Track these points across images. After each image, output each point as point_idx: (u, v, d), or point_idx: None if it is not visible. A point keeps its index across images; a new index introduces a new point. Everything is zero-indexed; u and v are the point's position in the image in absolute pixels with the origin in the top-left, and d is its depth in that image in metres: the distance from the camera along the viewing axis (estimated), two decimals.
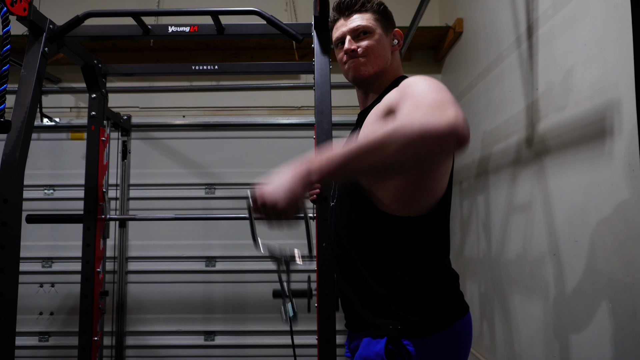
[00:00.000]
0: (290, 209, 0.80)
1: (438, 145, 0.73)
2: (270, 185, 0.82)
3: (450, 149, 0.74)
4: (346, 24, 1.15)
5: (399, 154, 0.74)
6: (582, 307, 1.51)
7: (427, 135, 0.72)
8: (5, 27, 1.24)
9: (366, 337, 1.05)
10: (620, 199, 1.32)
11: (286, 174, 0.81)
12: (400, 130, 0.73)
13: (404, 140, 0.73)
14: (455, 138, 0.72)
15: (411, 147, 0.73)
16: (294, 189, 0.80)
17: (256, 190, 0.82)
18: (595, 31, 1.44)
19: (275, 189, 0.80)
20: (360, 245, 1.08)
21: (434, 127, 0.72)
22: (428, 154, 0.75)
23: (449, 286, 1.08)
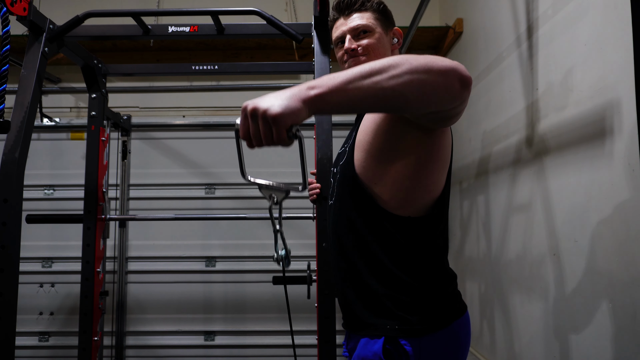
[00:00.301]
0: (282, 121, 0.70)
1: (443, 78, 0.74)
2: (263, 97, 0.74)
3: (454, 86, 0.75)
4: (346, 23, 1.15)
5: (404, 79, 0.72)
6: (582, 307, 1.51)
7: (433, 67, 0.73)
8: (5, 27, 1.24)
9: (364, 337, 1.05)
10: (620, 199, 1.32)
11: (282, 91, 0.74)
12: (407, 59, 0.73)
13: (409, 68, 0.73)
14: (459, 77, 0.74)
15: (416, 76, 0.73)
16: (291, 103, 0.71)
17: (247, 102, 0.74)
18: (595, 31, 1.44)
19: (270, 100, 0.72)
20: (359, 244, 1.08)
21: (439, 63, 0.73)
22: (432, 87, 0.74)
23: (446, 286, 1.09)
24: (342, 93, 0.73)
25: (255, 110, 0.72)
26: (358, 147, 1.08)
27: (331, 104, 0.74)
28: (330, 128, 1.67)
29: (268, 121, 0.71)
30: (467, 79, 0.75)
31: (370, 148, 1.05)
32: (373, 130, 1.04)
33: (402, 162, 1.01)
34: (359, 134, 1.09)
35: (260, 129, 0.73)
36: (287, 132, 0.72)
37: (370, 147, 1.05)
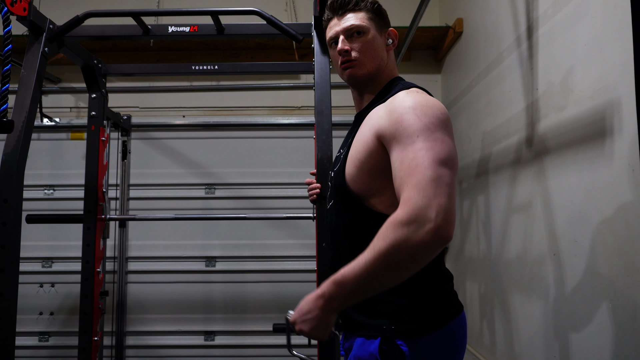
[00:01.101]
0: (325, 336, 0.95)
1: (427, 256, 0.86)
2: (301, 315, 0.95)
3: (437, 252, 0.87)
4: (340, 24, 1.13)
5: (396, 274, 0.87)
6: (582, 307, 1.51)
7: (416, 254, 0.84)
8: (6, 27, 1.24)
9: (360, 338, 1.05)
10: (620, 199, 1.32)
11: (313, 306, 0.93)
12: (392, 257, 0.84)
13: (397, 265, 0.85)
14: (440, 244, 0.85)
15: (404, 267, 0.86)
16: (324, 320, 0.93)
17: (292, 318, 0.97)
18: (595, 31, 1.44)
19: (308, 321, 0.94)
20: (355, 247, 1.07)
21: (420, 245, 0.83)
22: (420, 264, 0.87)
23: (443, 286, 1.08)
24: (355, 298, 0.90)
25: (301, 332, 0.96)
26: (351, 161, 1.07)
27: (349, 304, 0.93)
28: (330, 128, 1.67)
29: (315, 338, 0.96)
30: (448, 239, 0.85)
31: (362, 166, 1.04)
32: (365, 151, 1.03)
33: None
34: (352, 148, 1.09)
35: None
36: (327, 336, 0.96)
37: (362, 166, 1.04)
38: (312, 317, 0.92)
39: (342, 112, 3.13)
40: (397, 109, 0.97)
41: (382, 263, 0.85)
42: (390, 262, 0.85)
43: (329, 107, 1.68)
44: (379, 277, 0.86)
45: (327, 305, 0.91)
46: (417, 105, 0.95)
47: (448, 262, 3.10)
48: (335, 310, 0.92)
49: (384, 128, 0.98)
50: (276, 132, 3.27)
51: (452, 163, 0.90)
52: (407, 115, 0.94)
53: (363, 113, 1.14)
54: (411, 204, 0.85)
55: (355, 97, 1.22)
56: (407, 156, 0.90)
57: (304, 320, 0.94)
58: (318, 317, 0.92)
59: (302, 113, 3.34)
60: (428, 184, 0.85)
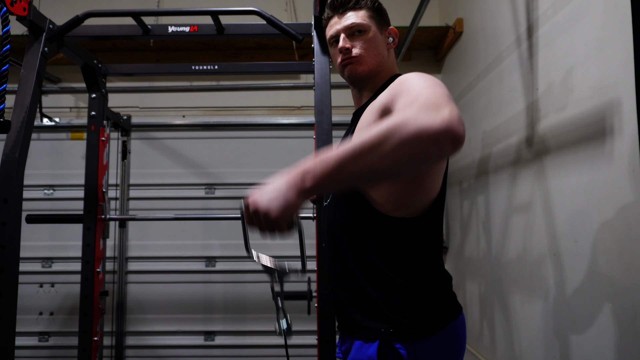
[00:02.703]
0: (283, 219, 0.77)
1: (434, 146, 0.70)
2: (263, 192, 0.78)
3: (445, 150, 0.71)
4: (340, 22, 1.13)
5: (395, 155, 0.72)
6: (582, 308, 1.51)
7: (423, 136, 0.70)
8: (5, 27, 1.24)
9: (358, 341, 1.04)
10: (620, 199, 1.32)
11: (280, 181, 0.78)
12: (395, 130, 0.71)
13: (398, 141, 0.71)
14: (450, 138, 0.70)
15: (406, 148, 0.71)
16: (288, 197, 0.76)
17: (248, 198, 0.79)
18: (595, 31, 1.44)
19: (268, 197, 0.77)
20: (353, 246, 1.07)
21: (429, 128, 0.69)
22: (424, 156, 0.72)
23: (441, 288, 1.07)
24: (335, 179, 0.75)
25: (256, 212, 0.78)
26: None
27: (326, 189, 0.78)
28: (330, 128, 1.67)
29: (269, 221, 0.77)
30: (460, 139, 0.71)
31: None
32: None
33: None
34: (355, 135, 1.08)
35: (263, 225, 0.79)
36: (288, 223, 0.78)
37: None
38: (275, 194, 0.77)
39: (342, 112, 3.12)
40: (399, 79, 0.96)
41: (381, 135, 0.72)
42: (392, 135, 0.71)
43: (329, 107, 1.68)
44: (372, 151, 0.72)
45: (298, 179, 0.77)
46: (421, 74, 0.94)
47: (448, 262, 3.10)
48: (306, 191, 0.77)
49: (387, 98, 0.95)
50: (276, 132, 3.27)
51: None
52: (411, 76, 0.93)
53: (361, 110, 1.14)
54: (424, 99, 0.76)
55: (354, 95, 1.22)
56: (411, 94, 0.83)
57: (263, 195, 0.78)
58: (282, 194, 0.77)
59: (302, 113, 3.34)
60: (439, 95, 0.77)
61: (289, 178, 0.77)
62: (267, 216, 0.76)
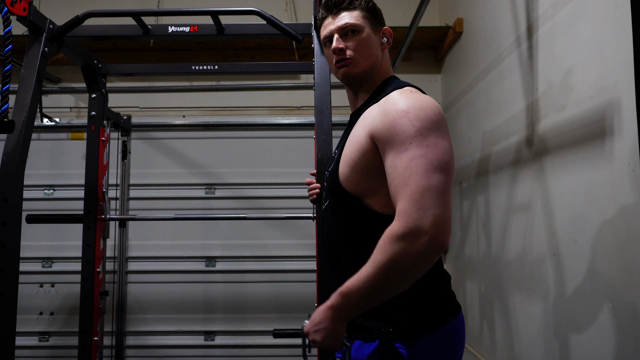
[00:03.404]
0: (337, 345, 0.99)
1: (426, 265, 0.90)
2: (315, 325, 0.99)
3: (434, 260, 0.91)
4: (334, 22, 1.12)
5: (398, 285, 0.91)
6: (582, 307, 1.51)
7: (415, 266, 0.89)
8: (7, 27, 1.24)
9: (358, 341, 1.04)
10: (620, 199, 1.32)
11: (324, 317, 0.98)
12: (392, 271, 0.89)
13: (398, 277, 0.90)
14: (438, 253, 0.89)
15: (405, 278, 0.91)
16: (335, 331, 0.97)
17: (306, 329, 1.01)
18: (595, 31, 1.44)
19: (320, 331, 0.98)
20: (351, 248, 1.07)
21: (419, 257, 0.87)
22: (419, 274, 0.91)
23: (440, 287, 1.08)
24: (361, 309, 0.96)
25: (314, 342, 1.00)
26: (344, 162, 1.07)
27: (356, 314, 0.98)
28: (330, 128, 1.67)
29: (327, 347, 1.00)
30: (444, 247, 0.89)
31: (355, 166, 1.04)
32: (359, 151, 1.03)
33: None
34: (346, 148, 1.08)
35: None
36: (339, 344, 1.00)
37: (355, 166, 1.04)
38: (323, 328, 0.97)
39: (342, 112, 3.12)
40: (390, 112, 0.97)
41: (383, 276, 0.89)
42: (391, 275, 0.89)
43: (329, 107, 1.68)
44: (381, 288, 0.91)
45: (336, 316, 0.96)
46: (410, 108, 0.95)
47: (448, 262, 3.10)
48: (344, 321, 0.96)
49: (377, 130, 0.98)
50: (276, 132, 3.27)
51: (447, 168, 0.91)
52: (400, 120, 0.94)
53: (358, 112, 1.14)
54: (406, 216, 0.88)
55: (350, 97, 1.21)
56: (400, 164, 0.92)
57: (317, 330, 0.98)
58: (328, 328, 0.96)
59: (302, 113, 3.34)
60: (422, 195, 0.88)
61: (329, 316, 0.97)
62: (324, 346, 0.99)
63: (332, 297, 0.97)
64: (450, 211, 0.90)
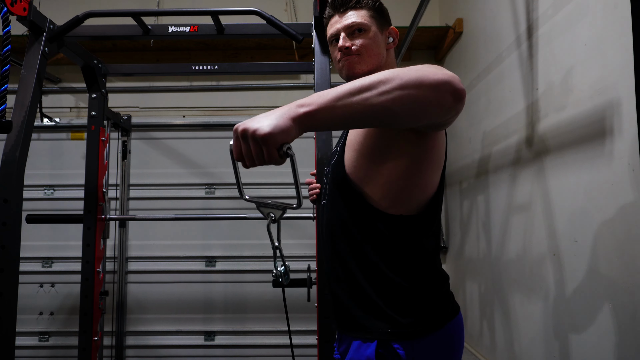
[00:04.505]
0: (273, 140, 0.72)
1: (434, 93, 0.72)
2: (254, 118, 0.75)
3: (446, 100, 0.72)
4: (341, 21, 1.13)
5: (394, 95, 0.72)
6: (582, 307, 1.51)
7: (424, 81, 0.71)
8: (6, 27, 1.24)
9: (356, 341, 1.04)
10: (620, 199, 1.32)
11: (273, 111, 0.74)
12: (397, 74, 0.72)
13: (399, 83, 0.71)
14: (451, 90, 0.72)
15: (406, 92, 0.71)
16: (281, 121, 0.73)
17: (239, 124, 0.76)
18: (595, 31, 1.44)
19: (259, 119, 0.74)
20: (351, 245, 1.07)
21: (431, 76, 0.71)
22: (423, 103, 0.73)
23: (439, 287, 1.07)
24: (331, 110, 0.74)
25: (245, 131, 0.73)
26: (349, 147, 1.07)
27: (320, 121, 0.75)
28: None
29: (258, 141, 0.72)
30: (460, 92, 0.73)
31: (361, 148, 1.04)
32: (364, 131, 1.04)
33: (395, 163, 1.00)
34: (350, 133, 1.09)
35: (252, 150, 0.74)
36: (279, 151, 0.73)
37: (361, 147, 1.04)
38: (267, 116, 0.74)
39: None
40: None
41: (382, 76, 0.73)
42: (393, 77, 0.72)
43: None
44: (371, 89, 0.72)
45: (292, 107, 0.75)
46: None
47: (448, 262, 3.11)
48: (300, 118, 0.74)
49: None
50: None
51: None
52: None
53: None
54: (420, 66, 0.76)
55: None
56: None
57: (253, 119, 0.74)
58: (275, 117, 0.73)
59: None
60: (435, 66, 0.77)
61: (282, 107, 0.75)
62: (256, 136, 0.72)
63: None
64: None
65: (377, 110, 0.73)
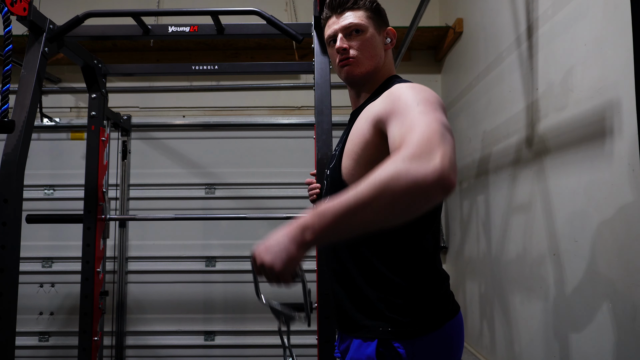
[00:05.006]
0: (287, 272, 0.81)
1: (425, 198, 0.73)
2: (267, 247, 0.82)
3: (437, 199, 0.74)
4: (338, 22, 1.13)
5: (388, 210, 0.75)
6: (582, 307, 1.51)
7: (415, 191, 0.72)
8: (7, 27, 1.24)
9: (357, 340, 1.04)
10: (620, 199, 1.32)
11: (282, 236, 0.81)
12: (387, 186, 0.73)
13: (392, 197, 0.73)
14: (442, 189, 0.72)
15: (399, 203, 0.74)
16: (290, 252, 0.80)
17: (255, 251, 0.84)
18: (595, 31, 1.44)
19: (272, 252, 0.81)
20: (350, 246, 1.07)
21: (421, 182, 0.72)
22: (416, 207, 0.75)
23: (439, 287, 1.08)
24: (333, 232, 0.79)
25: (262, 266, 0.82)
26: (347, 155, 1.07)
27: (325, 241, 0.83)
28: (330, 128, 1.67)
29: (274, 274, 0.82)
30: (451, 187, 0.73)
31: (358, 158, 1.04)
32: (362, 142, 1.03)
33: None
34: (348, 142, 1.08)
35: (269, 277, 0.83)
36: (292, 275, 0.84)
37: (358, 158, 1.04)
38: (278, 248, 0.80)
39: (342, 112, 3.12)
40: (394, 92, 0.98)
41: (374, 191, 0.74)
42: (385, 191, 0.73)
43: (329, 107, 1.68)
44: (367, 208, 0.75)
45: (300, 235, 0.80)
46: (415, 86, 0.96)
47: (448, 262, 3.11)
48: (307, 245, 0.80)
49: (381, 111, 0.97)
50: (276, 132, 3.27)
51: (450, 132, 0.84)
52: (405, 93, 0.94)
53: (358, 110, 1.14)
54: (416, 142, 0.77)
55: (352, 96, 1.22)
56: (405, 121, 0.85)
57: (268, 250, 0.82)
58: (284, 248, 0.80)
59: (302, 113, 3.34)
60: (432, 134, 0.78)
61: (290, 233, 0.81)
62: (272, 270, 0.81)
63: (301, 217, 0.82)
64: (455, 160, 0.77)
65: (375, 224, 0.78)
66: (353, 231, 0.78)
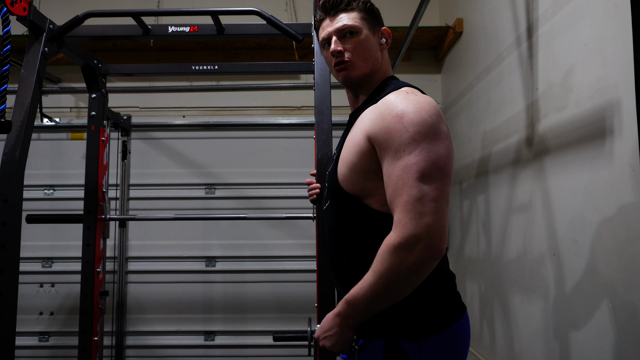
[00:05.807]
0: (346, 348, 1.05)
1: (424, 274, 0.95)
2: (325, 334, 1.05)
3: (431, 267, 0.95)
4: (332, 24, 1.11)
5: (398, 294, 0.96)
6: (582, 307, 1.51)
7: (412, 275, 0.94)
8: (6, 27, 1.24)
9: (363, 339, 1.05)
10: (620, 199, 1.32)
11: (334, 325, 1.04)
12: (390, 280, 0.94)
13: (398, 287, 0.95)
14: (434, 261, 0.93)
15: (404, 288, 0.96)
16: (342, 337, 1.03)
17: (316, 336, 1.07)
18: (595, 31, 1.44)
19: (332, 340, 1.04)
20: (354, 248, 1.07)
21: (415, 268, 0.92)
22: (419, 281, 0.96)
23: (445, 287, 1.08)
24: (364, 315, 1.01)
25: (324, 348, 1.05)
26: (342, 162, 1.07)
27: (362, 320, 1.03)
28: (330, 128, 1.67)
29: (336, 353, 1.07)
30: (441, 254, 0.93)
31: (354, 167, 1.04)
32: (357, 152, 1.03)
33: None
34: (344, 149, 1.09)
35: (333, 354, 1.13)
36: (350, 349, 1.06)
37: (354, 167, 1.04)
38: (333, 334, 1.02)
39: (342, 112, 3.12)
40: (385, 117, 0.98)
41: (384, 284, 0.94)
42: (391, 283, 0.93)
43: (329, 107, 1.68)
44: (384, 295, 0.95)
45: (344, 322, 1.01)
46: (405, 112, 0.96)
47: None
48: (352, 327, 1.01)
49: (374, 133, 1.00)
50: (276, 132, 3.27)
51: (440, 173, 0.93)
52: (395, 125, 0.95)
53: (357, 112, 1.14)
54: (401, 227, 0.92)
55: (350, 97, 1.21)
56: (394, 173, 0.95)
57: (326, 337, 1.04)
58: (338, 334, 1.02)
59: (302, 113, 3.34)
60: (414, 205, 0.91)
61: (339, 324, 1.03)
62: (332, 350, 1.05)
63: (339, 305, 1.02)
64: (444, 217, 0.92)
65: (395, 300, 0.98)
66: (381, 308, 0.99)
